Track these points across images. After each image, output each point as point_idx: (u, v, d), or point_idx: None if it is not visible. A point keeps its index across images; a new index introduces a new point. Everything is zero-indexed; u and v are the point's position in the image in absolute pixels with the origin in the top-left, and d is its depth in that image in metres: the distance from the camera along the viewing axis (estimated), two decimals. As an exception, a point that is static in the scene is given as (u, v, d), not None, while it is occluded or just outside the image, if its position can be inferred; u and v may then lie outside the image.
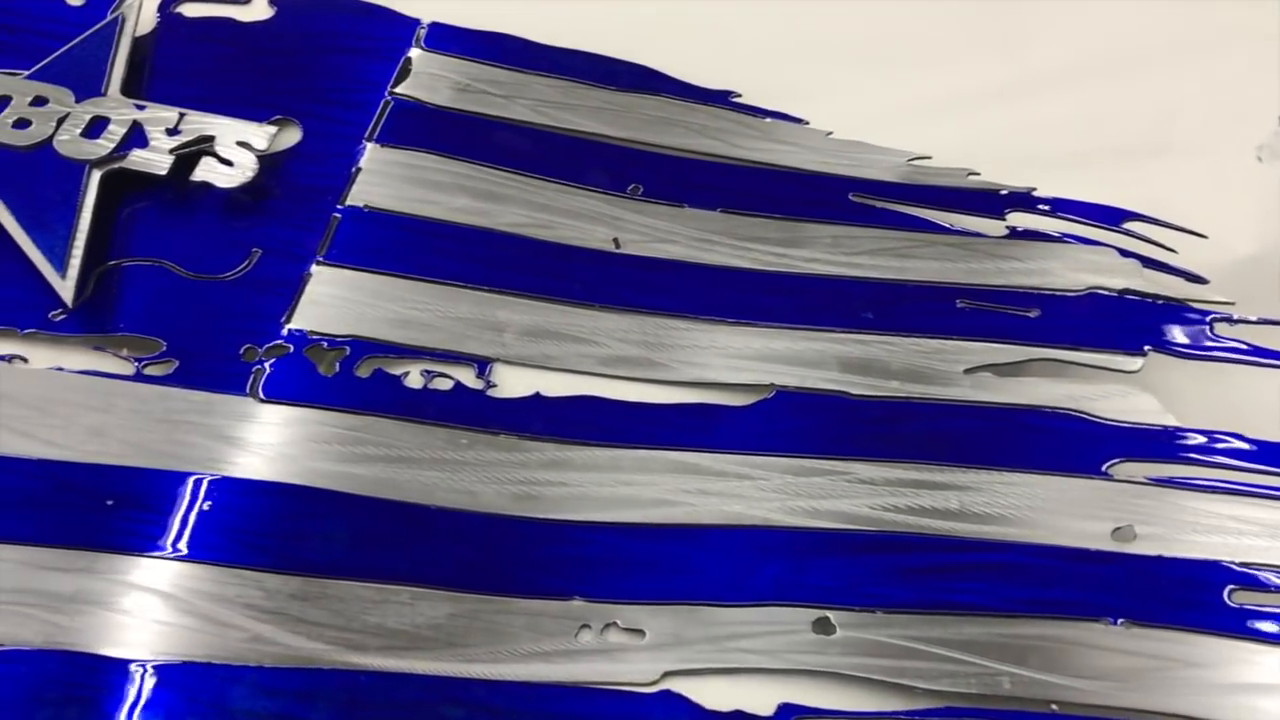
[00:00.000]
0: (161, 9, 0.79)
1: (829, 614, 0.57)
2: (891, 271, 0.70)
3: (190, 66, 0.76)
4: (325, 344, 0.64)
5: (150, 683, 0.53)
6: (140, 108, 0.71)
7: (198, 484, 0.59)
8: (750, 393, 0.65)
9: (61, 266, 0.65)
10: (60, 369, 0.63)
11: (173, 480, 0.59)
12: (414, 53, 0.77)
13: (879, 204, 0.73)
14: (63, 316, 0.65)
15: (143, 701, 0.53)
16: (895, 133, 0.74)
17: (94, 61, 0.74)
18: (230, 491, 0.59)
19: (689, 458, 0.61)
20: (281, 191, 0.70)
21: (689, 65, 0.77)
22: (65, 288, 0.65)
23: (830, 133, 0.75)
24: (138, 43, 0.76)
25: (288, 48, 0.77)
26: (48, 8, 0.78)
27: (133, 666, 0.54)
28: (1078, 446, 0.63)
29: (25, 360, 0.64)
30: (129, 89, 0.73)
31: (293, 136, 0.73)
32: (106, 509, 0.58)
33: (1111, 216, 0.72)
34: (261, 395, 0.62)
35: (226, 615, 0.55)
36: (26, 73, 0.73)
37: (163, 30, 0.78)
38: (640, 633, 0.56)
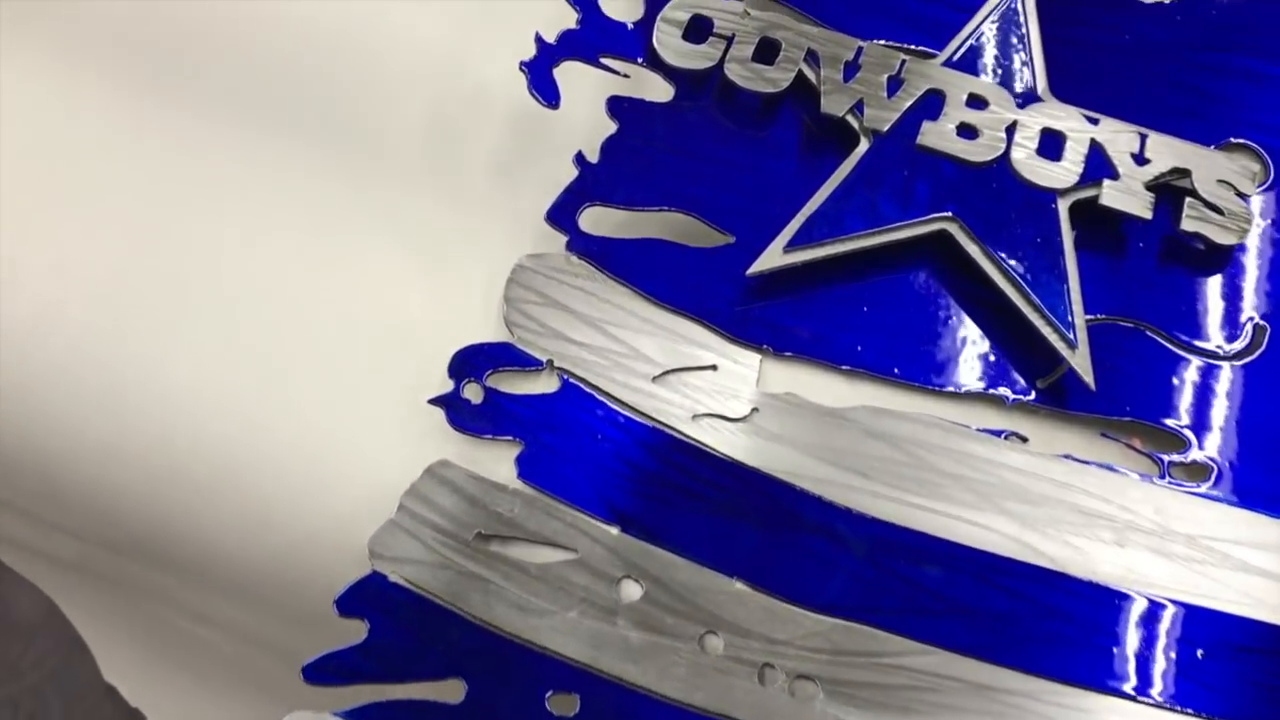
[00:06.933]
0: (1035, -19, 0.66)
1: None
2: None
3: (1082, 65, 0.63)
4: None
5: None
6: (1093, 122, 0.59)
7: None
8: None
9: (1070, 331, 0.55)
10: (1070, 457, 0.55)
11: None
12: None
13: None
14: (1044, 386, 0.56)
15: None
16: None
17: (1004, 50, 0.62)
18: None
19: None
20: (1263, 246, 0.59)
21: None
22: (1080, 362, 0.54)
23: None
24: (1030, 27, 0.64)
25: (1188, 57, 0.64)
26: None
27: None
28: None
29: (1024, 440, 0.55)
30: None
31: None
32: (1196, 659, 0.50)
33: None
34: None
35: None
36: (939, 59, 0.62)
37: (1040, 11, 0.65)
38: None
